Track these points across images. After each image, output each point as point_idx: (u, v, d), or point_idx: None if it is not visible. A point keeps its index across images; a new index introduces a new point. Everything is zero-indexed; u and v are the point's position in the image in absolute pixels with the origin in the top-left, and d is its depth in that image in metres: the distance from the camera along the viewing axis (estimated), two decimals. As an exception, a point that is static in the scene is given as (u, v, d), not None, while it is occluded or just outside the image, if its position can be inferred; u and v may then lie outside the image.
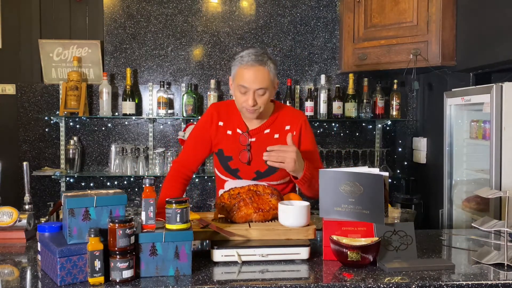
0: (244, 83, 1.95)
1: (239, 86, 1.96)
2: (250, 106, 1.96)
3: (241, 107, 2.01)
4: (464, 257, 1.74)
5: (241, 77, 1.96)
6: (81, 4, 3.73)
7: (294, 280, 1.44)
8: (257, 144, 2.07)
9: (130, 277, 1.39)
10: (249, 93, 1.95)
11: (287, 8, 3.75)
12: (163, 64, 3.73)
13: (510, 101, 2.36)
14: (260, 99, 1.97)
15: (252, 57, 1.95)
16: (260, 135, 2.08)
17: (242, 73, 1.95)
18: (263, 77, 1.94)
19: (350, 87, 3.66)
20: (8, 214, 1.91)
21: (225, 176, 2.12)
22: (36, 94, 3.68)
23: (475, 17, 2.79)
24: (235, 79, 2.00)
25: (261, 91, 1.95)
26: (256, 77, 1.93)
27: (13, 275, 1.51)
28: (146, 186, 1.50)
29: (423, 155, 3.50)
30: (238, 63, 1.98)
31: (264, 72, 1.95)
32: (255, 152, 2.06)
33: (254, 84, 1.94)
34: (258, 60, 1.95)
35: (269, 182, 2.07)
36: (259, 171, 2.06)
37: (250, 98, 1.94)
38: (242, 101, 1.98)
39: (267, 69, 1.96)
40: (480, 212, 2.62)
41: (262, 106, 1.99)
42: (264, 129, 2.09)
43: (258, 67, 1.94)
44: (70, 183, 3.71)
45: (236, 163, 2.07)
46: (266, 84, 1.95)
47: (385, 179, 1.63)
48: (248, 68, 1.94)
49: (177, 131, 3.73)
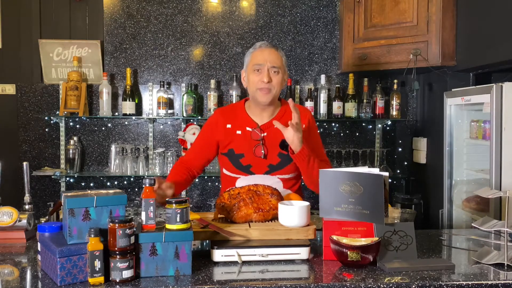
0: (258, 61, 2.05)
1: (254, 65, 2.06)
2: (265, 83, 2.02)
3: (255, 89, 2.06)
4: (464, 257, 1.74)
5: (255, 58, 2.06)
6: (81, 4, 3.73)
7: (294, 280, 1.44)
8: (269, 138, 2.11)
9: (130, 277, 1.39)
10: (263, 70, 2.03)
11: (287, 8, 3.75)
12: (163, 64, 3.73)
13: (510, 101, 2.35)
14: (274, 78, 2.05)
15: (265, 43, 2.11)
16: (271, 129, 2.11)
17: (256, 55, 2.07)
18: (277, 57, 2.06)
19: (350, 87, 3.66)
20: (8, 214, 1.91)
21: (236, 174, 2.13)
22: (36, 94, 3.68)
23: (475, 17, 2.79)
24: (249, 64, 2.09)
25: (275, 69, 2.04)
26: (270, 55, 2.05)
27: (13, 275, 1.51)
28: (146, 186, 1.50)
29: (423, 155, 3.50)
30: (251, 50, 2.12)
31: (277, 54, 2.06)
32: (268, 146, 2.10)
33: (269, 61, 2.04)
34: (271, 45, 2.09)
35: (281, 176, 2.10)
36: (272, 165, 2.10)
37: (265, 75, 2.02)
38: (256, 80, 2.05)
39: (280, 54, 2.08)
40: (480, 212, 2.62)
41: (276, 87, 2.05)
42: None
43: (271, 49, 2.07)
44: (70, 183, 3.71)
45: (248, 159, 2.09)
46: (279, 64, 2.05)
47: (385, 179, 1.63)
48: (262, 49, 2.07)
49: (177, 131, 3.73)
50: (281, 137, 2.02)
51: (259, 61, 2.04)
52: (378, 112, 3.67)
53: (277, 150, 2.08)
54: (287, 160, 2.07)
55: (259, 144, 2.08)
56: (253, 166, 2.10)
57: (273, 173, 2.10)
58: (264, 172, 2.09)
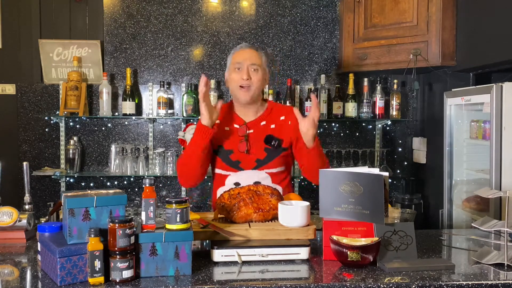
0: (238, 59, 2.13)
1: (234, 64, 2.14)
2: (245, 80, 2.09)
3: (236, 86, 2.14)
4: (464, 257, 1.74)
5: (235, 58, 2.15)
6: (81, 4, 3.73)
7: (294, 280, 1.44)
8: (255, 135, 2.17)
9: (130, 277, 1.39)
10: (243, 68, 2.11)
11: (287, 8, 3.75)
12: (163, 64, 3.73)
13: (510, 101, 2.36)
14: (254, 76, 2.11)
15: (246, 44, 2.21)
16: (257, 127, 2.19)
17: (237, 55, 2.15)
18: (256, 57, 2.14)
19: (350, 87, 3.66)
20: (8, 214, 1.91)
21: (226, 170, 2.16)
22: (36, 94, 3.68)
23: (475, 17, 2.79)
24: (230, 65, 2.17)
25: (254, 67, 2.11)
26: (250, 55, 2.13)
27: (13, 275, 1.51)
28: (146, 186, 1.50)
29: (423, 155, 3.50)
30: (233, 52, 2.20)
31: (257, 54, 2.15)
32: (253, 142, 2.16)
33: (248, 60, 2.12)
34: (251, 46, 2.19)
35: (269, 170, 2.14)
36: (259, 159, 2.15)
37: (244, 72, 2.10)
38: (237, 79, 2.12)
39: (260, 54, 2.16)
40: (480, 212, 2.62)
41: (255, 84, 2.12)
42: (261, 121, 2.20)
43: (251, 49, 2.16)
44: (70, 183, 3.71)
45: (236, 155, 2.14)
46: (259, 62, 2.13)
47: (385, 179, 1.63)
48: (243, 50, 2.16)
49: (177, 131, 3.72)
50: (266, 133, 2.15)
51: (239, 60, 2.12)
52: (378, 112, 3.67)
53: (263, 145, 2.14)
54: (274, 153, 2.14)
55: (243, 140, 2.14)
56: (241, 162, 2.15)
57: (261, 168, 2.15)
58: (252, 168, 2.14)
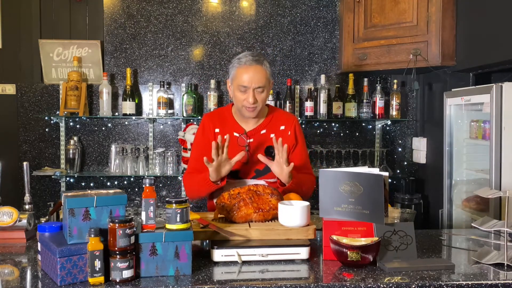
0: (243, 82, 2.08)
1: (239, 86, 2.09)
2: (251, 104, 2.07)
3: (241, 106, 2.11)
4: (464, 257, 1.74)
5: (241, 77, 2.09)
6: (81, 4, 3.73)
7: (294, 280, 1.44)
8: (255, 144, 2.17)
9: (130, 277, 1.39)
10: (249, 92, 2.07)
11: (287, 8, 3.75)
12: (163, 64, 3.73)
13: (510, 101, 2.36)
14: (259, 97, 2.09)
15: (249, 58, 2.10)
16: (257, 136, 2.18)
17: (241, 73, 2.09)
18: (261, 76, 2.08)
19: (350, 87, 3.66)
20: (8, 214, 1.91)
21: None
22: (36, 94, 3.68)
23: (475, 17, 2.79)
24: (235, 80, 2.12)
25: (260, 89, 2.09)
26: (255, 75, 2.07)
27: (13, 275, 1.51)
28: (146, 186, 1.50)
29: (423, 155, 3.50)
30: (236, 65, 2.12)
31: (261, 71, 2.09)
32: (253, 152, 2.15)
33: (254, 82, 2.07)
34: (255, 60, 2.10)
35: (267, 180, 2.14)
36: (258, 170, 2.15)
37: (250, 96, 2.06)
38: (242, 99, 2.09)
39: (264, 68, 2.11)
40: (480, 212, 2.62)
41: (261, 104, 2.10)
42: (261, 130, 2.19)
43: (256, 66, 2.09)
44: (70, 183, 3.71)
45: (236, 164, 2.10)
46: (264, 82, 2.09)
47: (385, 179, 1.63)
48: (247, 68, 2.08)
49: (177, 131, 3.72)
50: (267, 143, 2.13)
51: (244, 82, 2.07)
52: (378, 112, 3.67)
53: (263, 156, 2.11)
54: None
55: (244, 150, 2.11)
56: (241, 171, 2.16)
57: (260, 178, 2.15)
58: (251, 177, 2.15)
